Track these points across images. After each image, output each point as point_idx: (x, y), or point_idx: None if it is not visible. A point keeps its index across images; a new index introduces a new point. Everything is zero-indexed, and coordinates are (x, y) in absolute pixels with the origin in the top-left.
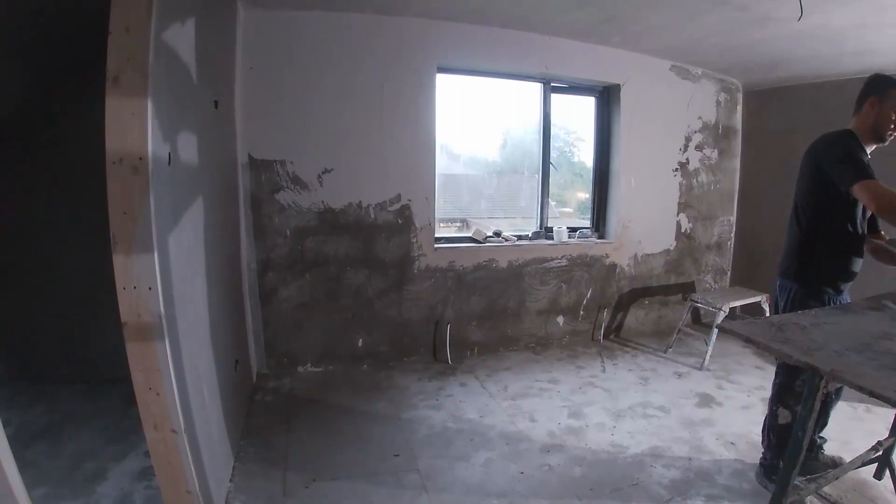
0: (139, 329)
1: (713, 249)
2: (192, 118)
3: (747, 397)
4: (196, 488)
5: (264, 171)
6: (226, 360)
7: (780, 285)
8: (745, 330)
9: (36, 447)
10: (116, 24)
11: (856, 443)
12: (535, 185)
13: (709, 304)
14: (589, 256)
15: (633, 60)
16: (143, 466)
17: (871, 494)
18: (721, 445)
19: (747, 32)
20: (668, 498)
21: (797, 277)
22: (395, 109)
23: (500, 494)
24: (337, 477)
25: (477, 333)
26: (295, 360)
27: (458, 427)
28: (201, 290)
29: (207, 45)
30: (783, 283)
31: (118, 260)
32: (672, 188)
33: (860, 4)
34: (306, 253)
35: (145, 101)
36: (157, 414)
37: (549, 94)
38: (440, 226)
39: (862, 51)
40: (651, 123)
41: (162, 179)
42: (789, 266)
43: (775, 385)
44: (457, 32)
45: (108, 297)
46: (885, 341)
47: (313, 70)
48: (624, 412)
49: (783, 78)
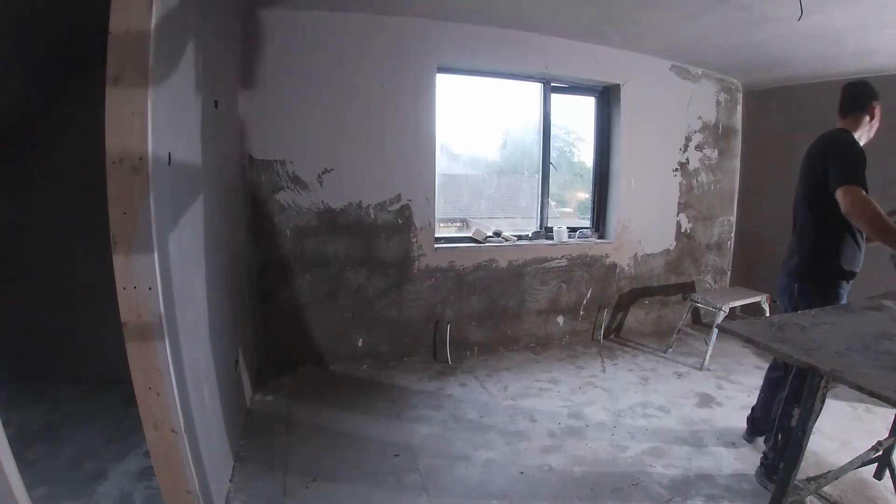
0: (139, 329)
1: (713, 249)
2: (192, 118)
3: (747, 397)
4: (196, 488)
5: (264, 171)
6: (226, 360)
7: (798, 289)
8: (745, 330)
9: (36, 447)
10: (116, 24)
11: (856, 443)
12: (535, 185)
13: (709, 303)
14: (589, 256)
15: (633, 60)
16: (143, 466)
17: (871, 494)
18: (721, 445)
19: (747, 32)
20: (668, 498)
21: (819, 275)
22: (395, 109)
23: (500, 494)
24: (337, 477)
25: (477, 333)
26: (295, 360)
27: (459, 427)
28: (201, 290)
29: (207, 45)
30: (802, 286)
31: (118, 260)
32: (672, 188)
33: (860, 4)
34: (306, 253)
35: (145, 101)
36: (157, 414)
37: (549, 94)
38: (440, 226)
39: (862, 51)
40: (651, 123)
41: (162, 179)
42: (809, 267)
43: (793, 385)
44: (457, 32)
45: (108, 297)
46: (885, 341)
47: (313, 70)
48: (624, 412)
49: (783, 78)
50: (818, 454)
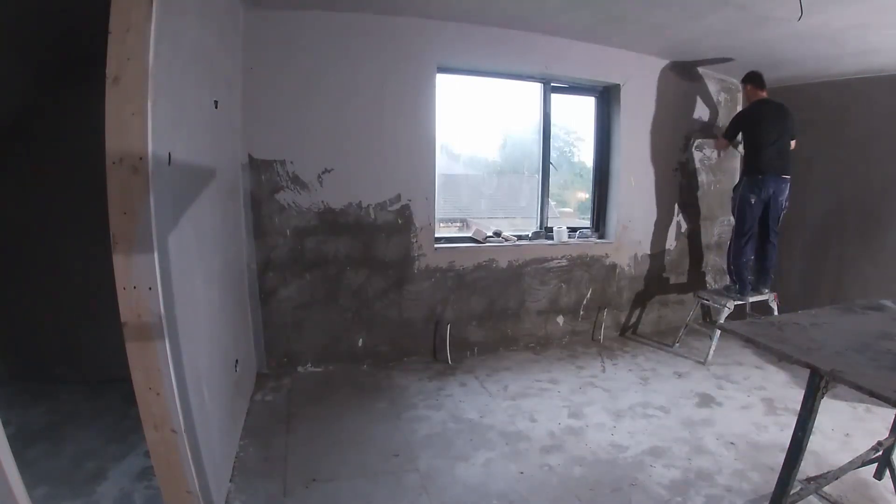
0: (139, 329)
1: (713, 249)
2: (192, 118)
3: (747, 397)
4: (196, 488)
5: (264, 171)
6: (226, 360)
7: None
8: (745, 330)
9: (36, 447)
10: (116, 24)
11: (856, 443)
12: (535, 185)
13: (715, 301)
14: (589, 256)
15: (633, 60)
16: (143, 466)
17: (871, 494)
18: (721, 445)
19: (747, 32)
20: (668, 498)
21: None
22: (395, 109)
23: (500, 494)
24: (337, 477)
25: (477, 333)
26: (295, 360)
27: (458, 427)
28: (201, 290)
29: (207, 45)
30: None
31: (118, 260)
32: (672, 188)
33: (860, 4)
34: (306, 253)
35: (145, 101)
36: (157, 414)
37: (549, 94)
38: (440, 226)
39: (862, 51)
40: (651, 123)
41: (162, 179)
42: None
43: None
44: (457, 32)
45: (108, 297)
46: (885, 341)
47: (313, 70)
48: (624, 412)
49: (783, 78)
50: (818, 454)
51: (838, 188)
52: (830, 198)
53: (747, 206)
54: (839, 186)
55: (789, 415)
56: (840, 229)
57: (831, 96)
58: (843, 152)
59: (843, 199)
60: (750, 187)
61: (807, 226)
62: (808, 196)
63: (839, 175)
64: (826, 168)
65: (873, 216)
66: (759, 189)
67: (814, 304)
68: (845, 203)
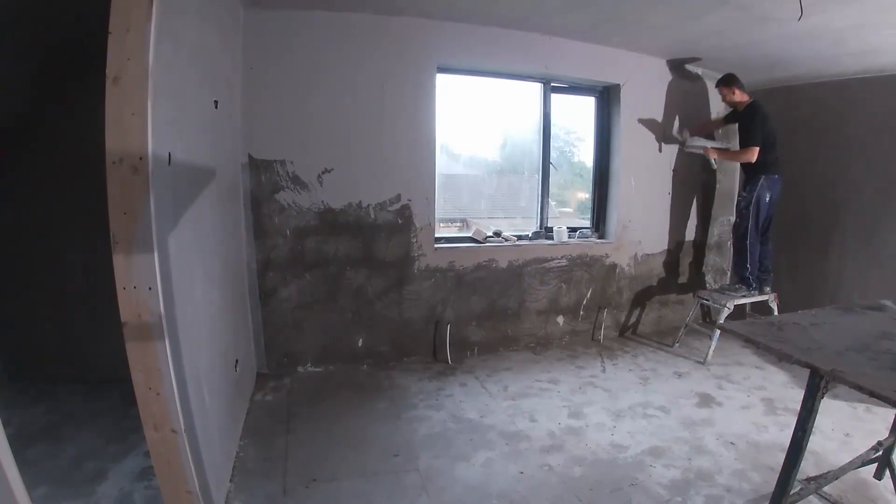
0: (139, 329)
1: (713, 249)
2: (192, 118)
3: (747, 397)
4: (196, 488)
5: (264, 171)
6: (226, 360)
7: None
8: (745, 330)
9: (36, 447)
10: (116, 24)
11: (856, 443)
12: (535, 185)
13: (715, 301)
14: (589, 256)
15: (633, 60)
16: (143, 466)
17: (871, 494)
18: (721, 445)
19: (747, 32)
20: (667, 498)
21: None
22: (395, 109)
23: (500, 494)
24: (337, 477)
25: (477, 333)
26: (295, 360)
27: (458, 427)
28: (201, 290)
29: (207, 45)
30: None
31: (118, 260)
32: (672, 188)
33: (860, 5)
34: (306, 253)
35: (145, 101)
36: (157, 414)
37: (549, 94)
38: (440, 226)
39: (862, 51)
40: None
41: (162, 179)
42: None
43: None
44: (457, 32)
45: (108, 297)
46: (885, 341)
47: (313, 70)
48: (624, 412)
49: (783, 78)
50: (818, 454)
51: (838, 188)
52: (830, 198)
53: (763, 205)
54: (839, 186)
55: (789, 415)
56: (840, 229)
57: (831, 96)
58: (842, 152)
59: (843, 199)
60: (767, 186)
61: (807, 226)
62: (808, 196)
63: (839, 175)
64: (826, 168)
65: (873, 216)
66: (774, 188)
67: (814, 304)
68: (845, 203)
